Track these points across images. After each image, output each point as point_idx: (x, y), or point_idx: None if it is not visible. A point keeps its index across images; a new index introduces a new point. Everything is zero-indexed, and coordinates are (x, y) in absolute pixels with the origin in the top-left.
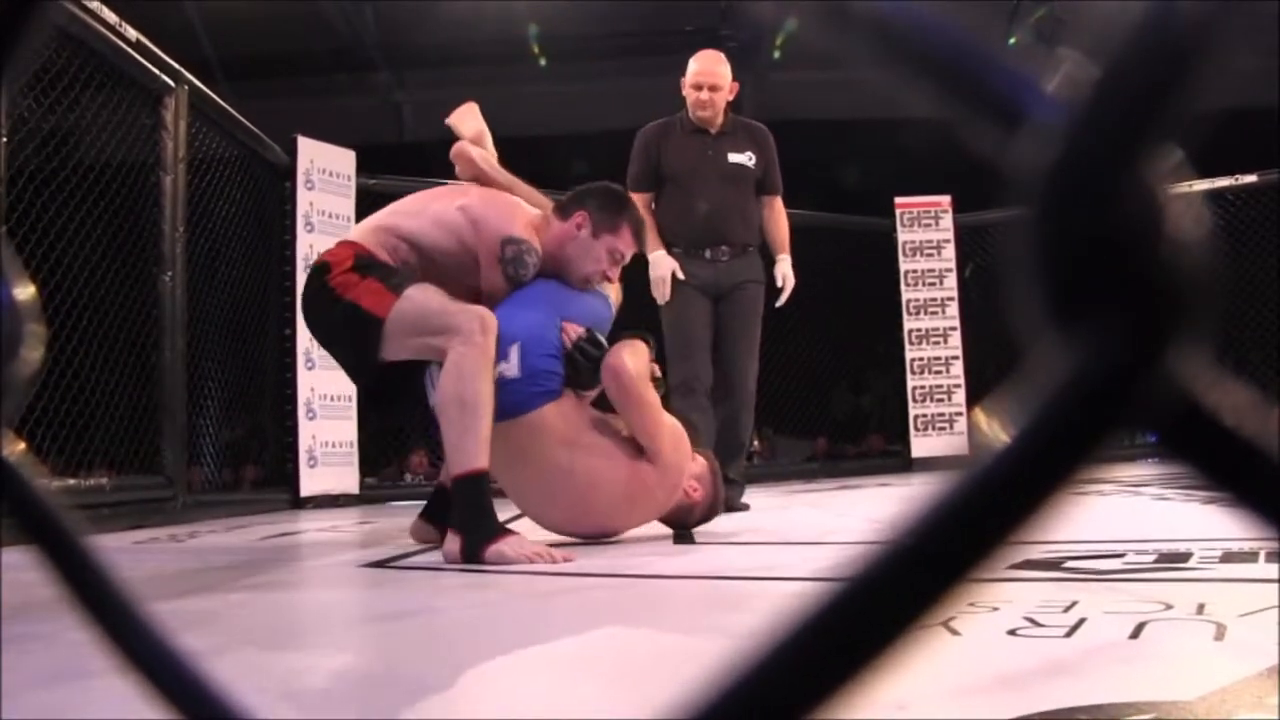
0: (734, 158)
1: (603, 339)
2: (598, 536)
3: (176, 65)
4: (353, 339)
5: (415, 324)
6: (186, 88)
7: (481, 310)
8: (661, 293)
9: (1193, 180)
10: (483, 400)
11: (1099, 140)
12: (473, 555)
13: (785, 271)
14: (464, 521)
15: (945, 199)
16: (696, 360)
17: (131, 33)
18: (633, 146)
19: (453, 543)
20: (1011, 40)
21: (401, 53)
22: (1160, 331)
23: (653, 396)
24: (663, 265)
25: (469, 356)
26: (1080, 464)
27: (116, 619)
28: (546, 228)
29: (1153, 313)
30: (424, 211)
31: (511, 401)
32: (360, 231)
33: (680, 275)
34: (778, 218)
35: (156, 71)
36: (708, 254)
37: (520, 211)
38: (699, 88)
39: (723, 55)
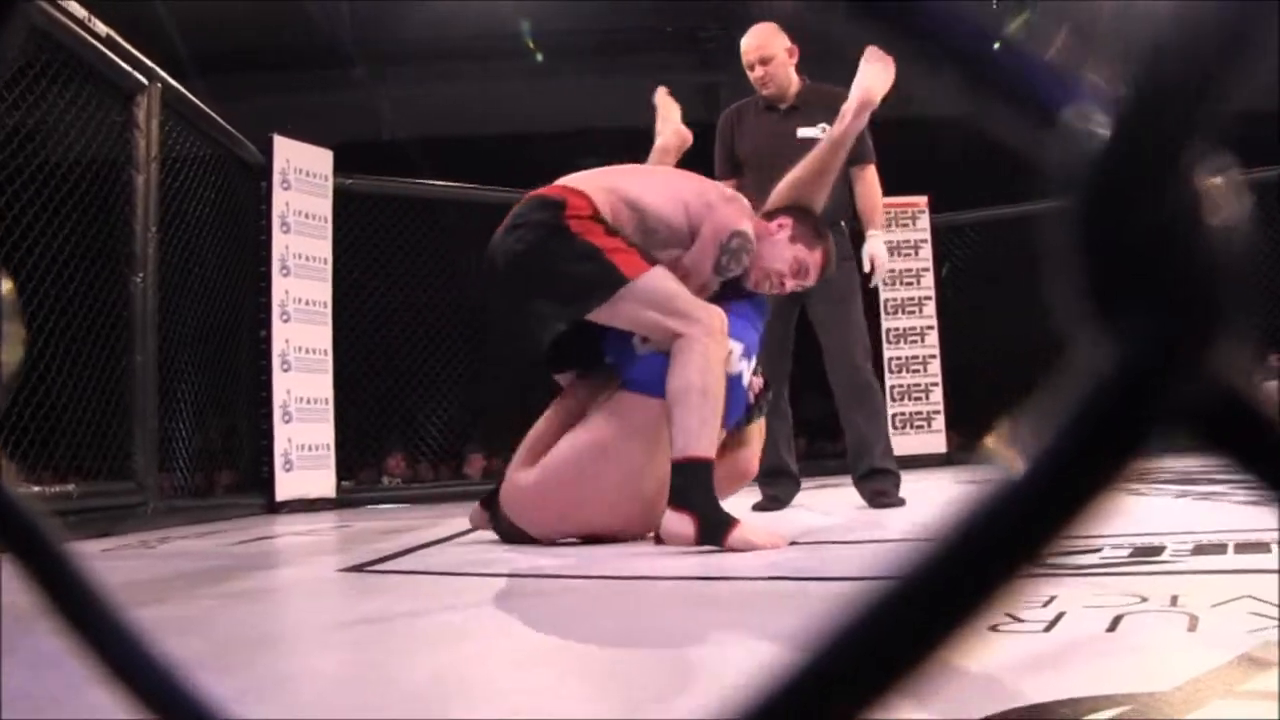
0: (804, 132)
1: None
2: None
3: (148, 62)
4: (584, 283)
5: (660, 300)
6: (159, 85)
7: (720, 310)
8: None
9: (1237, 172)
10: (720, 392)
11: (1144, 134)
12: (713, 538)
13: (874, 250)
14: (700, 505)
15: (922, 199)
16: (770, 363)
17: (101, 28)
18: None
19: (684, 524)
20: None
21: (379, 50)
22: (1204, 325)
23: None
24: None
25: (713, 349)
26: (1127, 459)
27: (95, 624)
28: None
29: (1197, 306)
30: (652, 180)
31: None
32: (585, 183)
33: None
34: (868, 188)
35: (128, 68)
36: None
37: (748, 208)
38: (751, 67)
39: (773, 25)
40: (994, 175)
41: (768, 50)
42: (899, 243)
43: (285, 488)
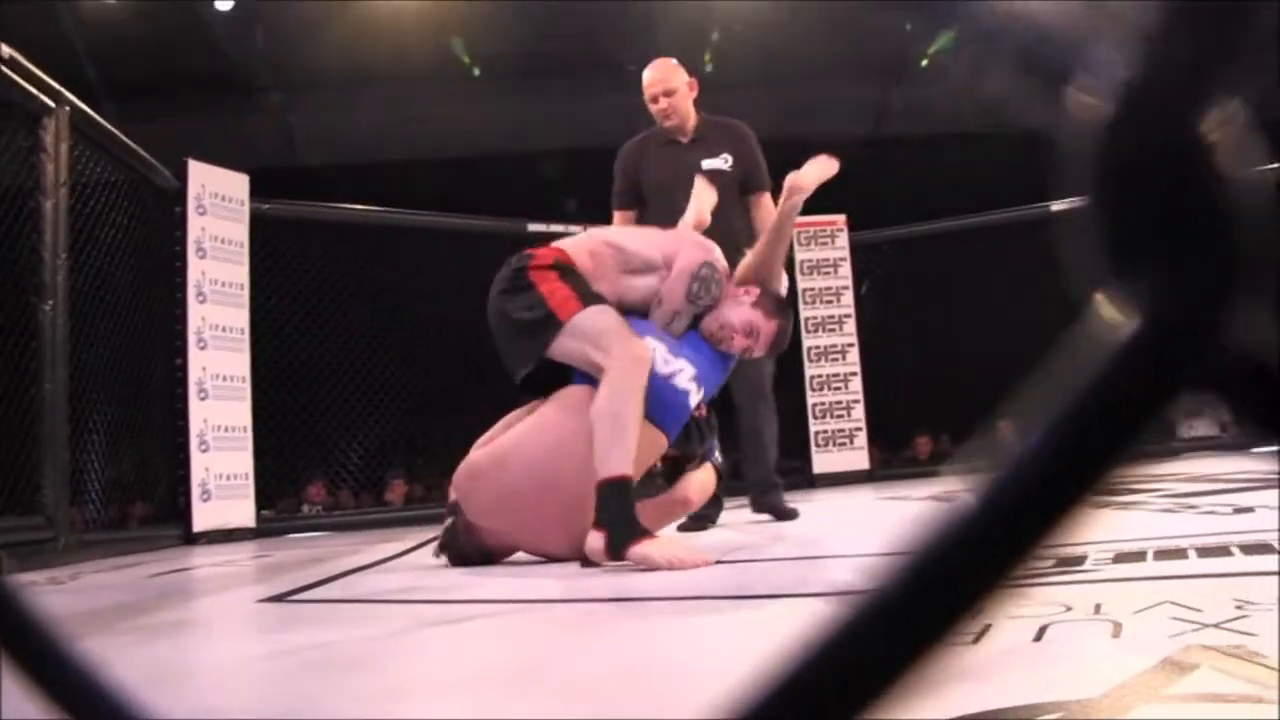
0: (708, 164)
1: (714, 424)
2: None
3: (55, 85)
4: (529, 326)
5: (589, 335)
6: (67, 108)
7: (644, 348)
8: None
9: (1254, 124)
10: (632, 414)
11: (1160, 91)
12: (617, 552)
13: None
14: (610, 521)
15: (840, 218)
16: None
17: (4, 50)
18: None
19: (598, 540)
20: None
21: (293, 74)
22: (1224, 284)
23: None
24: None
25: (628, 377)
26: (1146, 423)
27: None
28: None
29: (1216, 264)
30: (635, 229)
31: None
32: (569, 242)
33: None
34: (765, 216)
35: (34, 90)
36: None
37: (717, 249)
38: (654, 99)
39: (672, 60)
40: (909, 193)
41: (670, 83)
42: (818, 261)
43: (203, 518)
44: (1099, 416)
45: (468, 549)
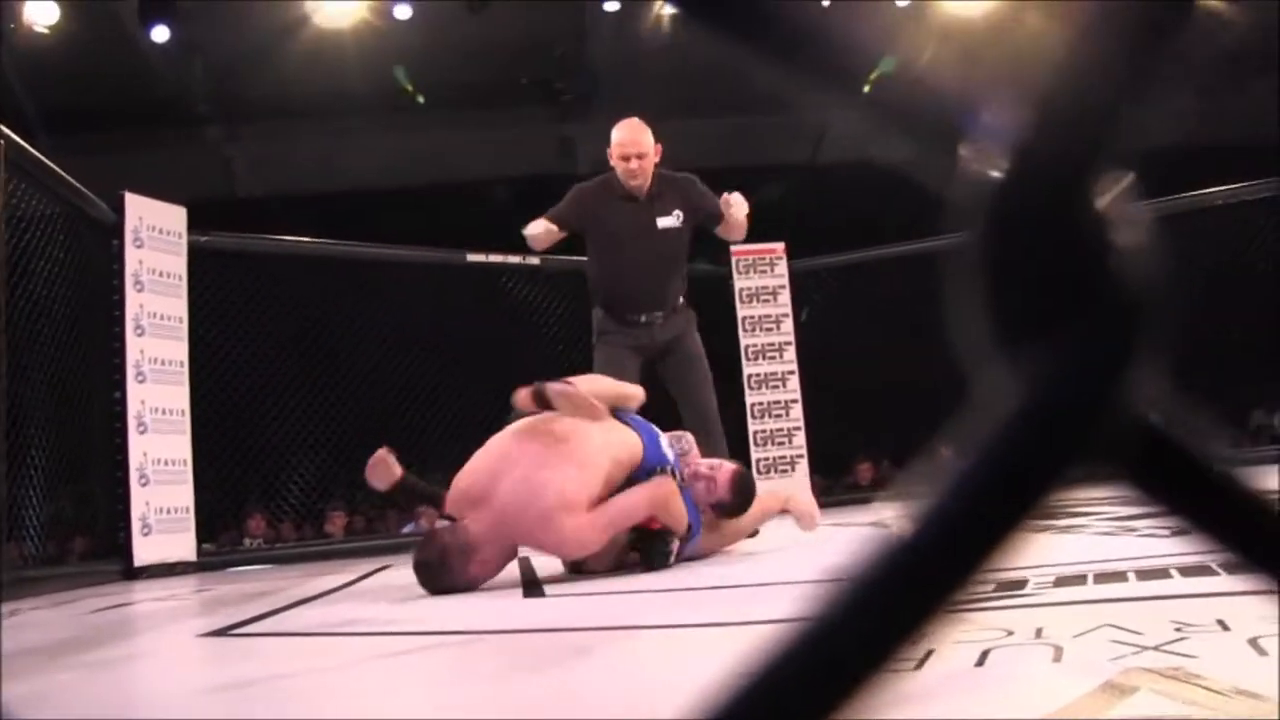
0: (663, 223)
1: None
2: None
3: None
4: None
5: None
6: (1, 141)
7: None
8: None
9: (1142, 198)
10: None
11: (1044, 163)
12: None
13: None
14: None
15: (779, 245)
16: None
17: None
18: (568, 193)
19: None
20: None
21: (232, 105)
22: (1116, 356)
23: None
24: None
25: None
26: (1039, 500)
27: None
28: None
29: (1108, 336)
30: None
31: None
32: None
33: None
34: (727, 228)
35: None
36: (642, 318)
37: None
38: (626, 158)
39: (642, 122)
40: (848, 220)
41: (644, 148)
42: (757, 289)
43: (143, 552)
44: (990, 494)
45: (459, 577)
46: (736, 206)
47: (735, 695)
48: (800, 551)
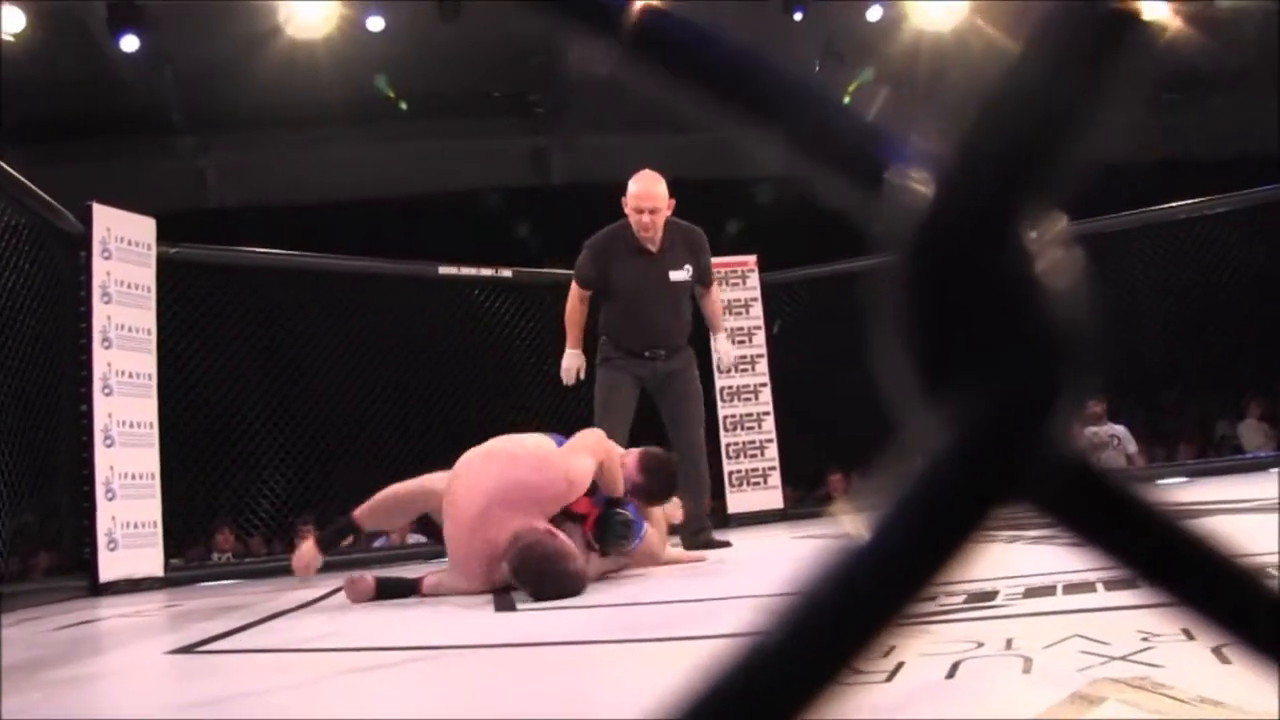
0: (674, 276)
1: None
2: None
3: None
4: None
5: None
6: None
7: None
8: (566, 380)
9: (1069, 231)
10: None
11: (969, 195)
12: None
13: (723, 348)
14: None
15: (751, 258)
16: (610, 421)
17: None
18: (582, 253)
19: None
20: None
21: (204, 116)
22: (1040, 395)
23: None
24: (569, 361)
25: None
26: (964, 539)
27: None
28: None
29: (1032, 376)
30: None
31: None
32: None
33: (580, 378)
34: (712, 303)
35: None
36: (646, 354)
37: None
38: (640, 211)
39: (658, 175)
40: (820, 233)
41: (658, 203)
42: (729, 302)
43: (110, 568)
44: (916, 533)
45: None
46: (724, 355)
47: (685, 709)
48: (778, 565)
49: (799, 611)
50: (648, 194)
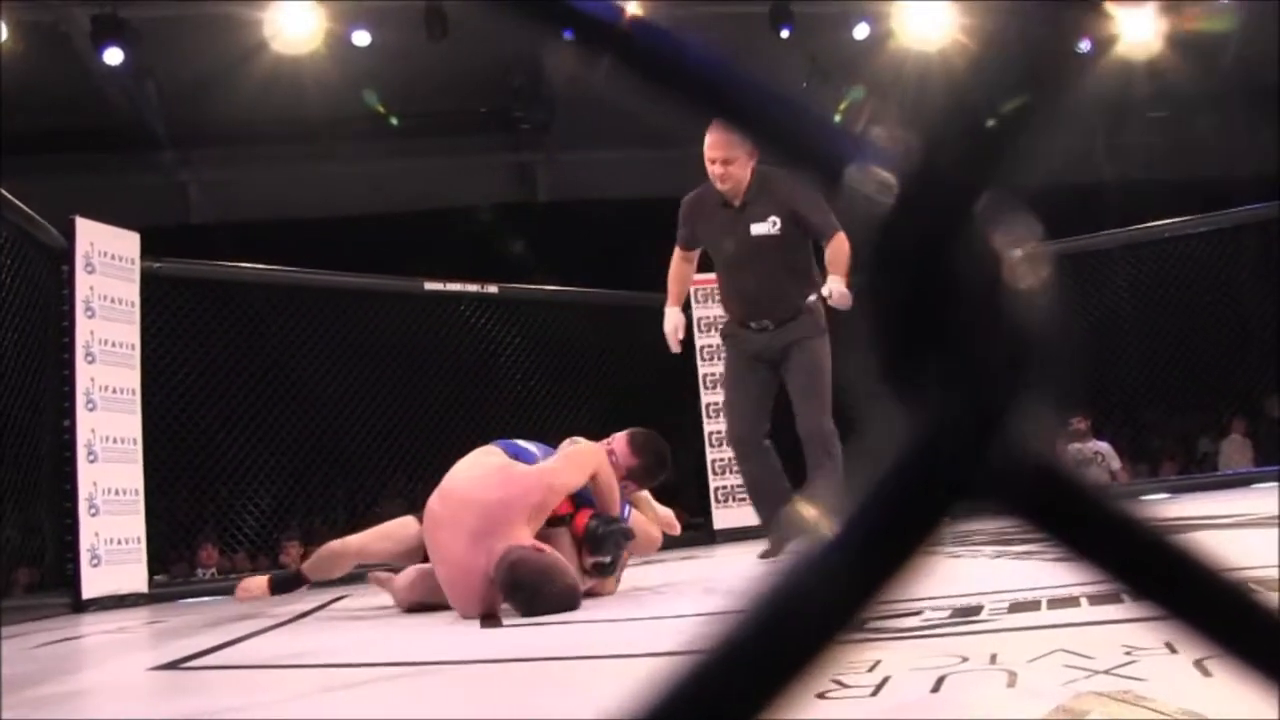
0: (756, 229)
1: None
2: None
3: None
4: None
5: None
6: None
7: None
8: (670, 345)
9: (1037, 236)
10: None
11: (934, 191)
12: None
13: (832, 285)
14: None
15: None
16: (733, 419)
17: None
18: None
19: None
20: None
21: (188, 130)
22: (1000, 395)
23: None
24: (670, 320)
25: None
26: (927, 535)
27: None
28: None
29: (993, 374)
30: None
31: None
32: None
33: (681, 336)
34: (834, 252)
35: None
36: (753, 325)
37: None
38: (712, 161)
39: None
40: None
41: (731, 150)
42: (715, 318)
43: (93, 584)
44: (877, 532)
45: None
46: (833, 291)
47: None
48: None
49: (754, 615)
50: (717, 141)
